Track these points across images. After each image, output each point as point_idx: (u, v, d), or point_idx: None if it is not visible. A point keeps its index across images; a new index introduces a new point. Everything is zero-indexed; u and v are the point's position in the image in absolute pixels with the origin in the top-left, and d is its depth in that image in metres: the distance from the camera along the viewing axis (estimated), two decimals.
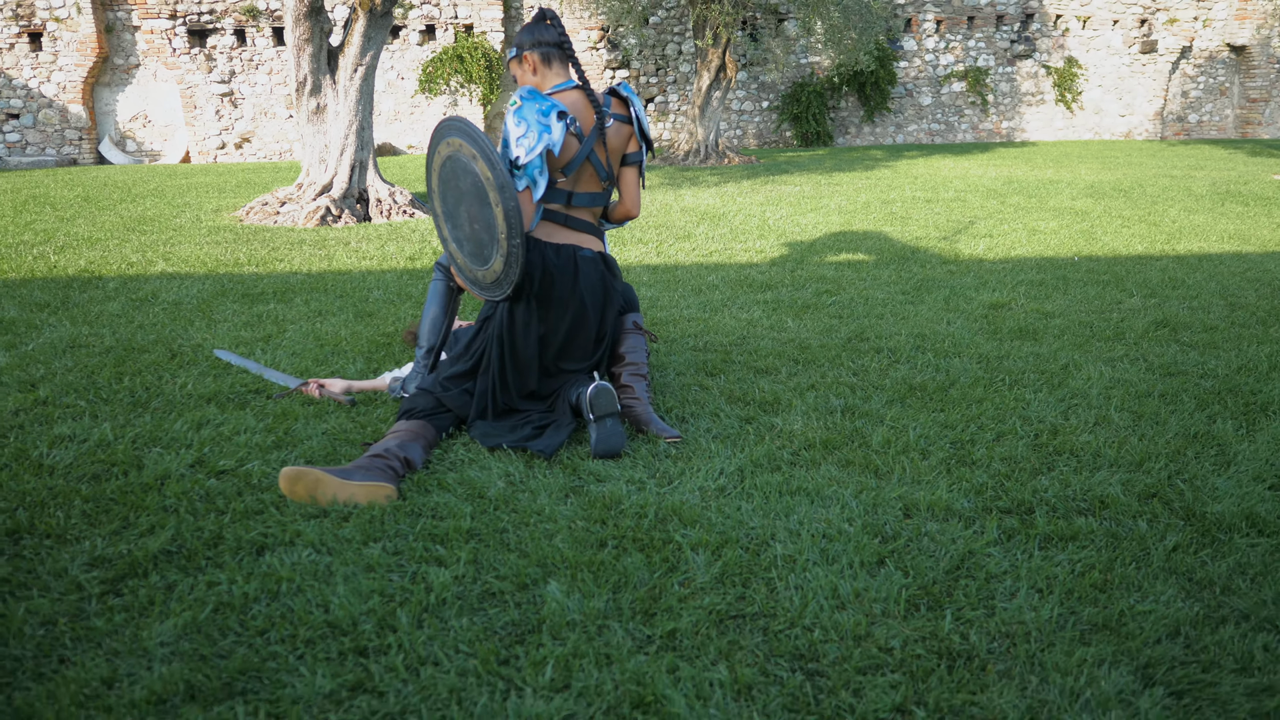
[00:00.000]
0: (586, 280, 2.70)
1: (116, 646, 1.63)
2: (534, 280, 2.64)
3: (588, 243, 2.77)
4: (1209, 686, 1.52)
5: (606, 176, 2.76)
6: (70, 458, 2.50)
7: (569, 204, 2.73)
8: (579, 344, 2.74)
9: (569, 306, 2.68)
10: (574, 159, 2.66)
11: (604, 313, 2.78)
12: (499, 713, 1.46)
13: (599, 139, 2.69)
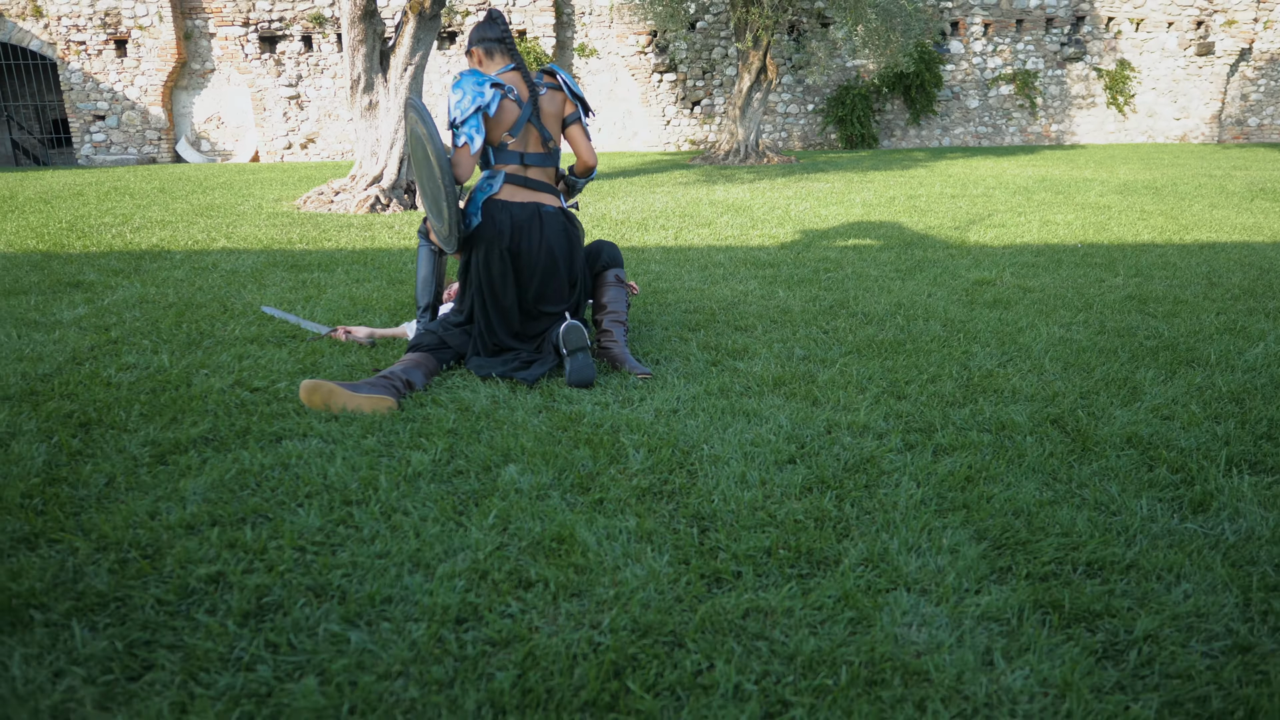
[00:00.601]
0: (551, 231, 3.10)
1: (160, 494, 2.07)
2: (505, 235, 3.04)
3: (548, 200, 3.17)
4: (1028, 543, 1.84)
5: (549, 137, 3.16)
6: (133, 378, 2.98)
7: (524, 164, 3.13)
8: (554, 288, 3.13)
9: (539, 255, 3.08)
10: (518, 122, 3.07)
11: (572, 259, 3.17)
12: (447, 541, 1.85)
13: (535, 107, 3.11)
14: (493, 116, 3.02)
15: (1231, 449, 2.32)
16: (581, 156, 3.28)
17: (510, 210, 3.07)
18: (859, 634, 1.52)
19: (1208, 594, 1.63)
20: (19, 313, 4.01)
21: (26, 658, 1.44)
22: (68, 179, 11.50)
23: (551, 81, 3.21)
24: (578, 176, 3.39)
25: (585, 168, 3.33)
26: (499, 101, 3.02)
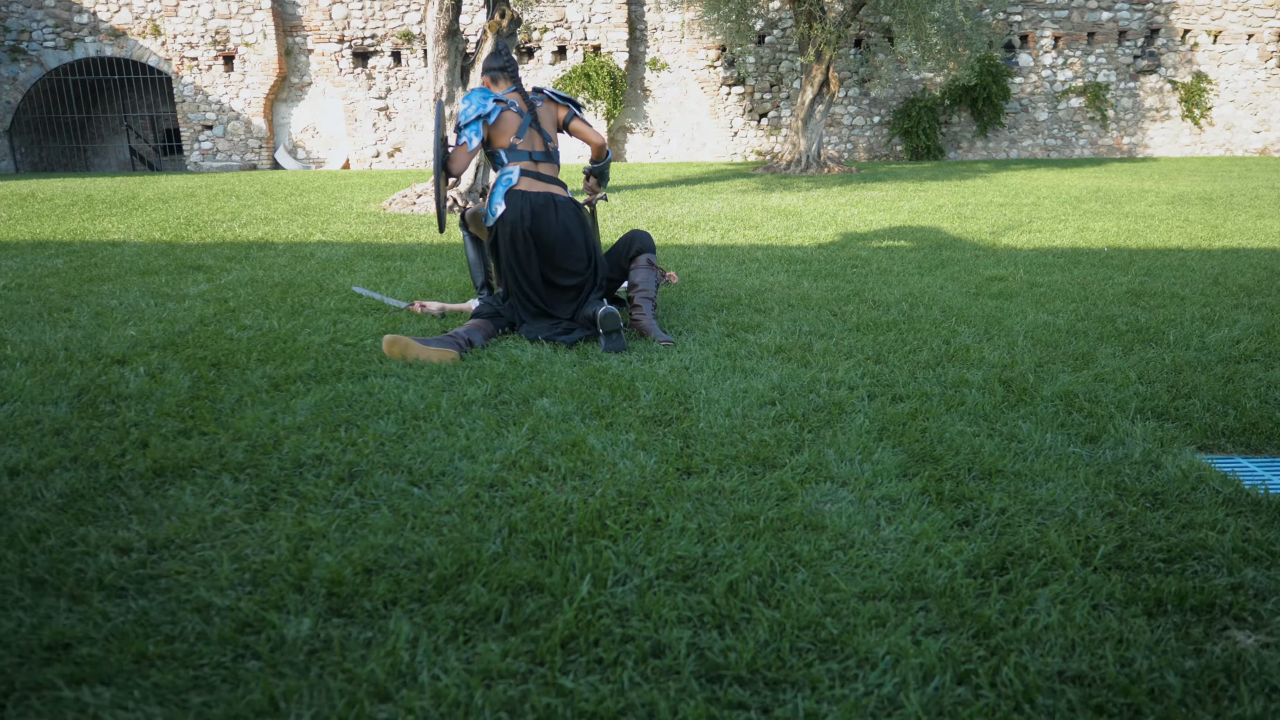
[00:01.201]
0: (564, 214, 3.68)
1: (276, 408, 2.71)
2: (526, 218, 3.63)
3: (559, 191, 3.77)
4: (938, 458, 2.32)
5: (549, 139, 3.81)
6: (249, 335, 3.67)
7: (534, 161, 3.74)
8: (571, 262, 3.70)
9: (557, 235, 3.66)
10: (520, 127, 3.73)
11: (585, 238, 3.74)
12: (488, 442, 2.43)
13: (534, 115, 3.77)
14: (493, 124, 3.71)
15: (1145, 404, 2.75)
16: (590, 139, 3.92)
17: (529, 198, 3.67)
18: (783, 504, 2.04)
19: (1065, 491, 2.10)
20: (154, 287, 4.78)
21: (194, 493, 2.07)
22: (180, 183, 12.64)
23: (542, 97, 3.88)
24: (596, 162, 4.01)
25: (597, 147, 3.97)
26: (499, 113, 3.71)
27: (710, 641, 1.46)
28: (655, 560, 1.74)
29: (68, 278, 5.15)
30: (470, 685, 1.34)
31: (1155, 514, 1.97)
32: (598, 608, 1.56)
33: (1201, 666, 1.40)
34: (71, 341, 3.59)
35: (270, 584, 1.66)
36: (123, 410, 2.70)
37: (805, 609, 1.55)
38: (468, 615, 1.55)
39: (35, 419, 2.63)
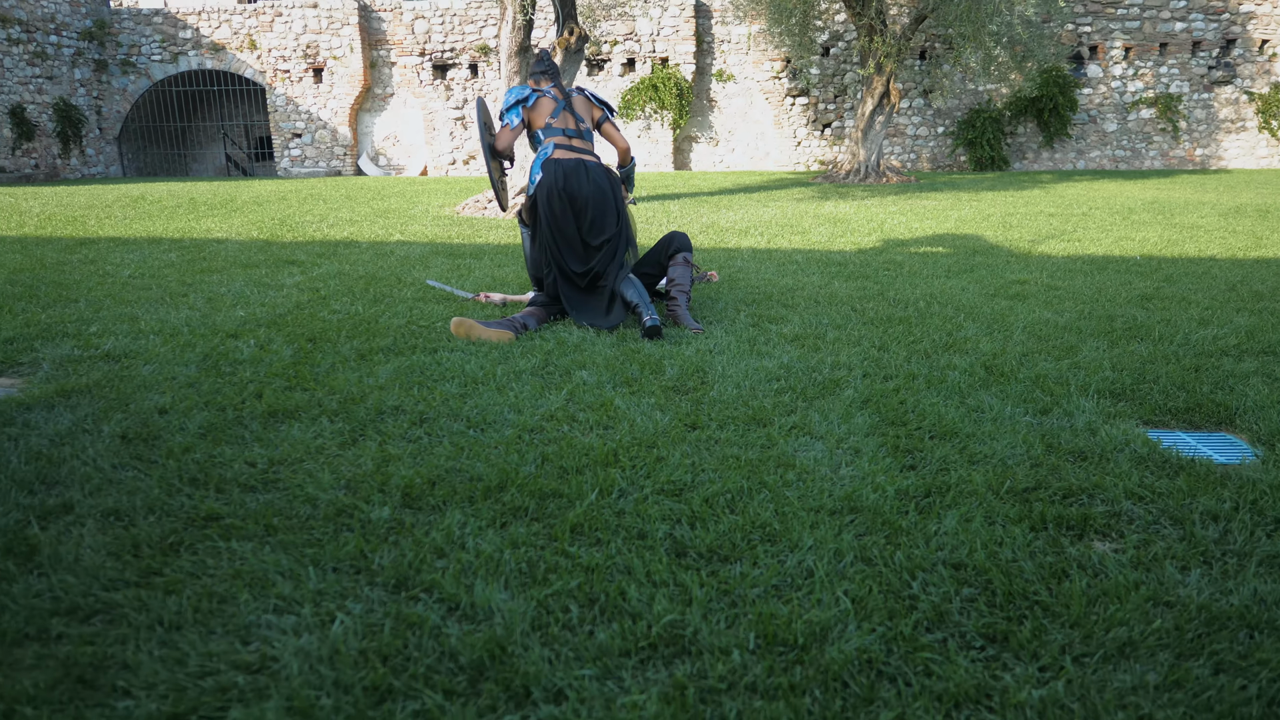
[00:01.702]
0: (594, 175, 4.17)
1: (362, 372, 3.28)
2: (560, 180, 4.12)
3: (589, 157, 4.28)
4: (906, 421, 2.75)
5: (581, 120, 4.35)
6: (339, 317, 4.28)
7: (567, 136, 4.28)
8: (602, 218, 4.18)
9: (588, 193, 4.15)
10: (555, 110, 4.30)
11: (615, 196, 4.23)
12: (533, 401, 2.95)
13: (568, 102, 4.34)
14: (530, 107, 4.30)
15: (1107, 386, 3.13)
16: (617, 143, 4.47)
17: (562, 165, 4.18)
18: (765, 450, 2.51)
19: (1004, 448, 2.51)
20: (256, 278, 5.46)
21: (300, 429, 2.64)
22: (272, 187, 13.60)
23: (580, 93, 4.47)
24: (621, 167, 4.53)
25: (622, 151, 4.53)
26: (536, 99, 4.32)
27: (682, 532, 1.94)
28: (652, 483, 2.23)
29: (181, 269, 5.87)
30: (501, 549, 1.85)
31: (1073, 466, 2.38)
32: (602, 509, 2.06)
33: (1055, 560, 1.82)
34: (191, 320, 4.25)
35: (359, 488, 2.20)
36: (239, 371, 3.31)
37: (760, 515, 2.02)
38: (504, 511, 2.06)
39: (171, 375, 3.25)
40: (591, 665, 1.45)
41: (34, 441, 2.54)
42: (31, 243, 7.32)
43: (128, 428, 2.65)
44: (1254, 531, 1.95)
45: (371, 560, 1.82)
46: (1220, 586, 1.71)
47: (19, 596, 1.67)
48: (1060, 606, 1.63)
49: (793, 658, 1.47)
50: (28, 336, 3.95)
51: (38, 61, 16.07)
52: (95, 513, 2.04)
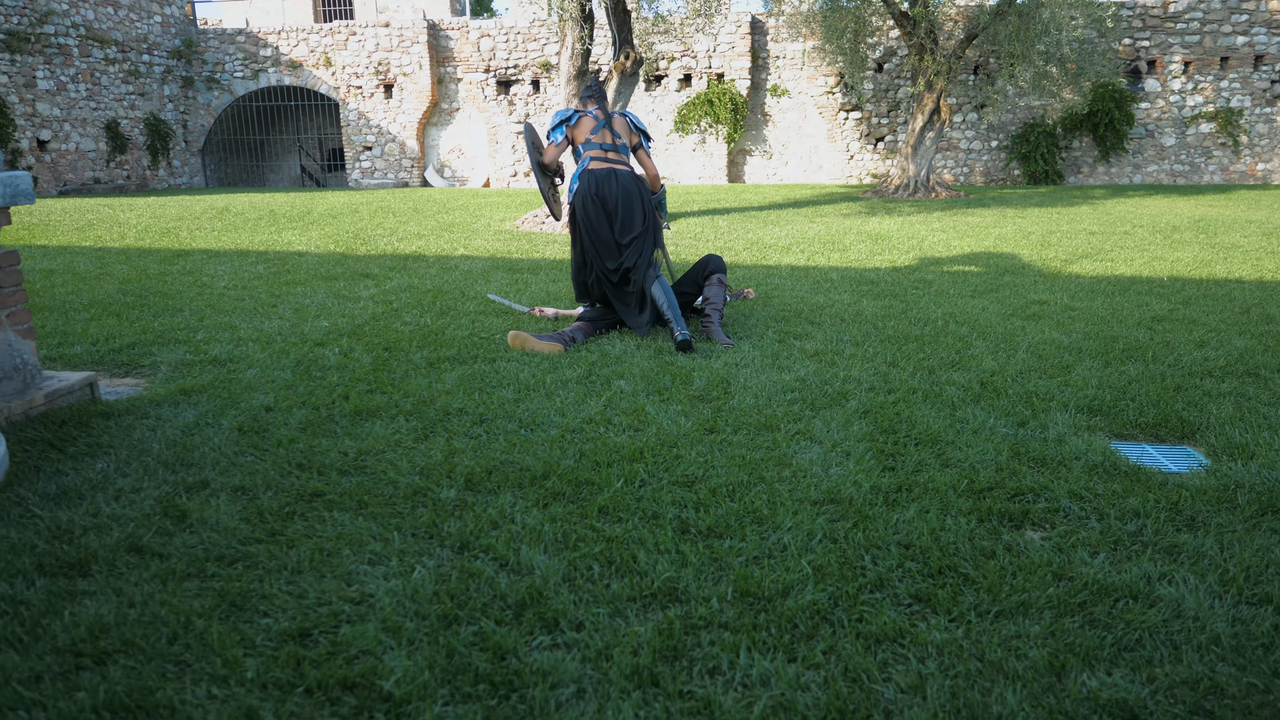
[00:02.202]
0: (622, 181, 4.66)
1: (430, 379, 3.81)
2: (593, 187, 4.62)
3: (620, 167, 4.75)
4: (896, 429, 3.17)
5: (618, 137, 4.81)
6: (410, 329, 4.83)
7: (603, 150, 4.75)
8: (631, 218, 4.65)
9: (617, 196, 4.63)
10: (595, 128, 4.78)
11: (641, 199, 4.70)
12: (575, 406, 3.44)
13: (608, 121, 4.81)
14: (573, 125, 4.81)
15: (1087, 402, 3.49)
16: (648, 170, 4.93)
17: (595, 174, 4.68)
18: (769, 451, 2.95)
19: (976, 454, 2.92)
20: (335, 290, 6.07)
21: (380, 426, 3.17)
22: (345, 199, 14.41)
23: (622, 116, 4.95)
24: (652, 194, 4.99)
25: (652, 178, 4.97)
26: (579, 118, 4.82)
27: (688, 515, 2.41)
28: (669, 475, 2.70)
29: (269, 281, 6.52)
30: (542, 523, 2.33)
31: (1031, 470, 2.78)
32: (625, 495, 2.53)
33: (990, 544, 2.24)
34: (283, 329, 4.84)
35: (430, 474, 2.71)
36: (328, 375, 3.87)
37: (754, 503, 2.47)
38: (546, 494, 2.55)
39: (271, 379, 3.83)
40: (605, 606, 1.92)
41: (168, 432, 3.11)
42: (134, 254, 8.09)
43: (242, 422, 3.21)
44: (1164, 527, 2.34)
45: (441, 528, 2.32)
46: (1117, 567, 2.11)
47: (179, 547, 2.21)
48: (980, 577, 2.06)
49: (759, 607, 1.92)
50: (145, 343, 4.58)
51: (131, 79, 17.20)
52: (226, 488, 2.59)
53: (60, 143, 15.59)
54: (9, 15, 14.45)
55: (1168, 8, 16.52)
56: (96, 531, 2.29)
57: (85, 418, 3.25)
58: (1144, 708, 1.59)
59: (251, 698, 1.61)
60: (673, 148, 17.79)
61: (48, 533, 2.28)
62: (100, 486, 2.60)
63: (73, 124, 15.83)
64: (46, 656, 1.75)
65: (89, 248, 8.58)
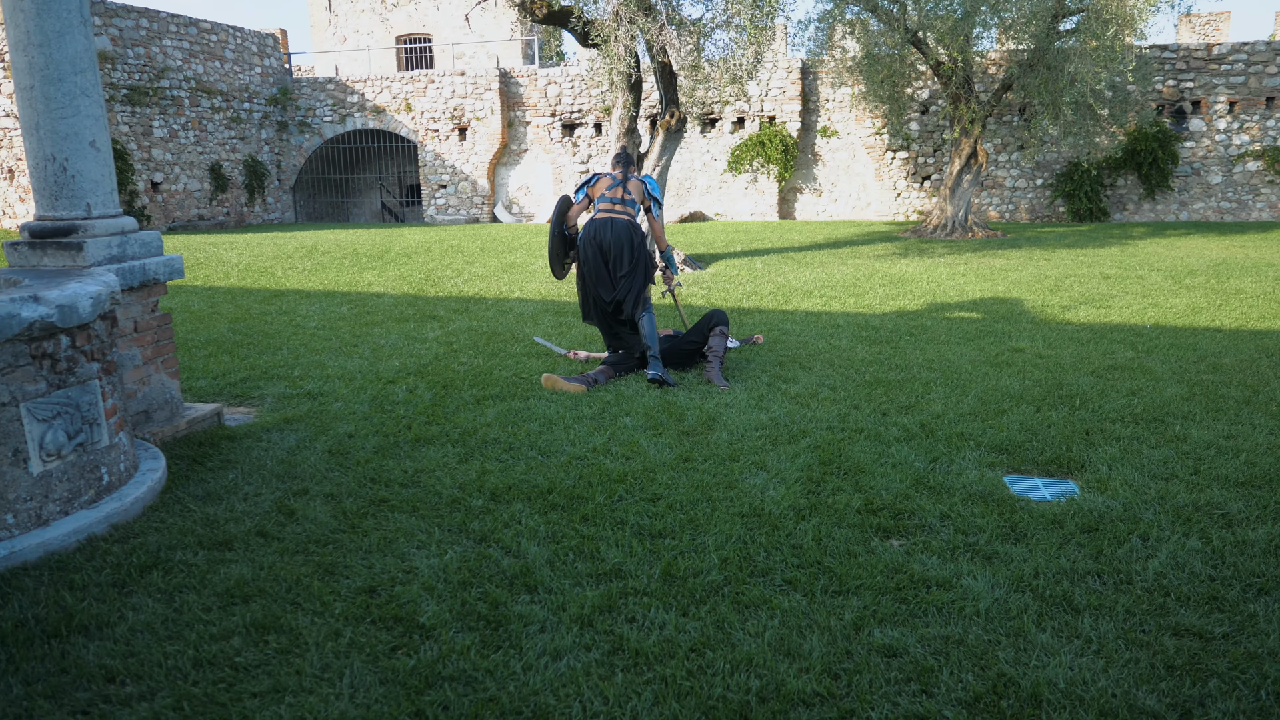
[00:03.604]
0: (616, 228, 5.54)
1: (476, 415, 4.80)
2: (592, 235, 5.53)
3: (619, 217, 5.61)
4: (832, 461, 4.01)
5: (628, 194, 5.69)
6: (465, 369, 5.85)
7: (610, 204, 5.64)
8: (622, 259, 5.53)
9: (610, 241, 5.52)
10: (610, 186, 5.68)
11: (633, 244, 5.57)
12: (586, 437, 4.37)
13: (623, 183, 5.69)
14: (592, 185, 5.74)
15: (999, 442, 4.28)
16: (655, 231, 5.85)
17: (595, 222, 5.61)
18: (724, 477, 3.83)
19: (884, 482, 3.74)
20: (406, 331, 7.15)
21: (433, 451, 4.16)
22: (419, 236, 15.72)
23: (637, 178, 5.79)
24: (660, 253, 5.89)
25: (657, 238, 5.93)
26: (597, 179, 5.76)
27: (645, 522, 3.31)
28: (641, 493, 3.61)
29: (352, 322, 7.66)
30: (540, 525, 3.27)
31: (922, 496, 3.60)
32: (603, 507, 3.45)
33: (858, 548, 3.09)
34: (362, 367, 5.91)
35: (466, 488, 3.68)
36: (396, 409, 4.89)
37: (695, 515, 3.37)
38: (546, 505, 3.49)
39: (352, 411, 4.87)
40: (570, 579, 2.85)
41: (276, 452, 4.16)
42: (238, 293, 9.37)
43: (331, 445, 4.24)
44: (994, 539, 3.16)
45: (468, 526, 3.28)
46: (941, 566, 2.95)
47: (290, 534, 3.21)
48: (838, 569, 2.92)
49: (674, 583, 2.82)
50: (254, 378, 5.70)
51: (233, 125, 18.95)
52: (320, 495, 3.60)
53: (170, 184, 17.33)
54: (131, 73, 16.24)
55: (1211, 50, 16.82)
56: (234, 522, 3.32)
57: (215, 439, 4.33)
58: (904, 649, 2.44)
59: (337, 624, 2.59)
60: (726, 186, 18.73)
61: (202, 522, 3.32)
62: (232, 491, 3.64)
63: (182, 167, 17.57)
64: (210, 597, 2.75)
65: (200, 286, 9.92)
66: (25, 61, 3.88)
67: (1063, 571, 2.90)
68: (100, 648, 2.46)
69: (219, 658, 2.42)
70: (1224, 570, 2.92)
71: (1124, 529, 3.24)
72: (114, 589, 2.80)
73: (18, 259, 4.08)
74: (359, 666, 2.37)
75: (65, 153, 3.98)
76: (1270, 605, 2.69)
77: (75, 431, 3.29)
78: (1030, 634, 2.52)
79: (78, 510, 3.29)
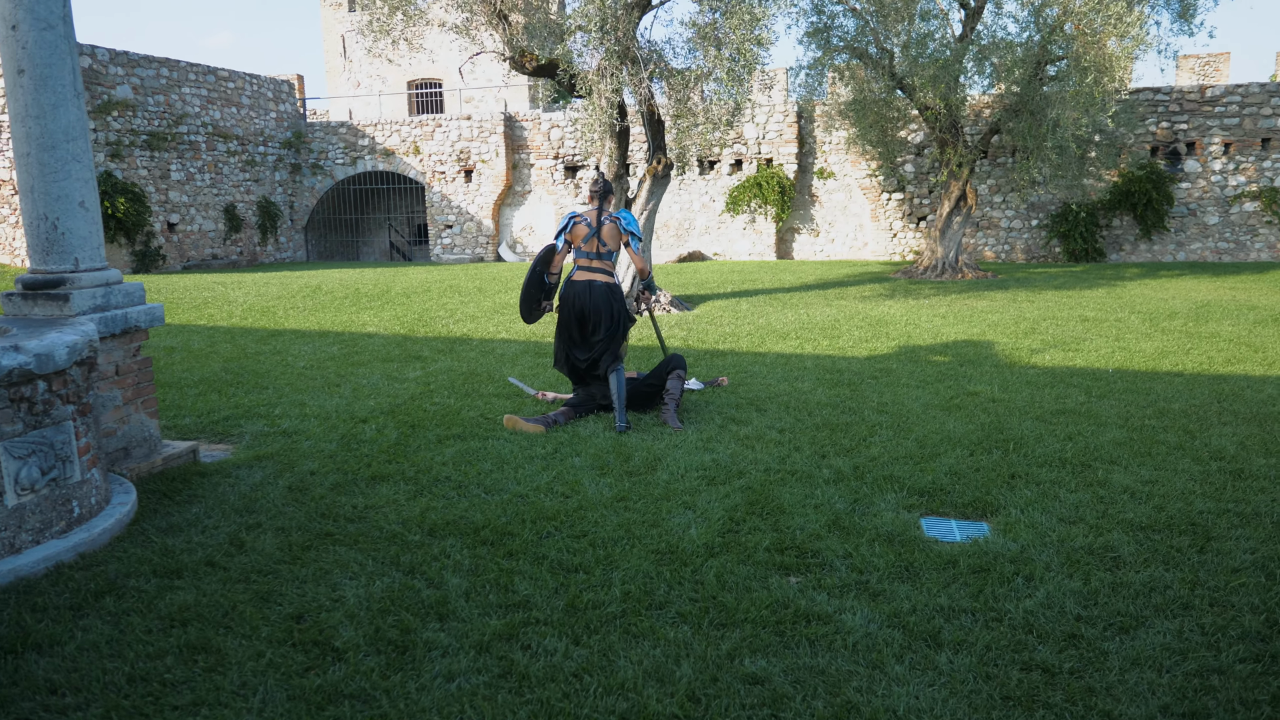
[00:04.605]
0: (596, 294, 5.82)
1: (435, 453, 5.08)
2: (572, 298, 5.82)
3: (599, 278, 5.90)
4: (759, 502, 4.25)
5: (604, 244, 5.93)
6: (434, 409, 6.15)
7: (588, 259, 5.92)
8: (600, 326, 5.81)
9: (588, 309, 5.81)
10: (586, 236, 5.91)
11: (612, 310, 5.84)
12: (535, 475, 4.64)
13: (598, 229, 5.92)
14: (569, 231, 5.94)
15: (924, 485, 4.50)
16: (635, 264, 6.13)
17: (576, 285, 5.89)
18: (650, 516, 4.08)
19: (803, 522, 3.98)
20: (389, 371, 7.48)
21: (387, 488, 4.44)
22: (422, 275, 16.15)
23: (611, 219, 6.00)
24: (643, 279, 6.17)
25: (640, 270, 6.17)
26: (573, 225, 5.96)
27: (564, 557, 3.57)
28: (568, 530, 3.87)
29: (340, 361, 8.00)
30: (468, 559, 3.54)
31: (832, 536, 3.84)
32: (529, 543, 3.71)
33: (753, 583, 3.33)
34: (339, 407, 6.23)
35: (407, 524, 3.95)
36: (362, 448, 5.19)
37: (612, 551, 3.62)
38: (477, 540, 3.75)
39: (320, 449, 5.17)
40: (480, 610, 3.11)
41: (241, 488, 4.46)
42: (238, 333, 9.76)
43: (292, 482, 4.54)
44: (886, 577, 3.39)
45: (400, 559, 3.55)
46: (829, 601, 3.18)
47: (236, 564, 3.50)
48: (731, 603, 3.16)
49: (574, 614, 3.08)
50: (236, 416, 6.02)
51: (248, 168, 19.58)
52: (271, 528, 3.89)
53: (186, 224, 17.91)
54: (151, 119, 16.90)
55: (1205, 93, 17.09)
56: (188, 552, 3.61)
57: (188, 475, 4.64)
58: (768, 677, 2.69)
59: (261, 645, 2.86)
60: (725, 226, 19.10)
61: (160, 551, 3.62)
62: (193, 524, 3.94)
63: (197, 208, 18.16)
64: (154, 620, 3.04)
65: (203, 326, 10.33)
66: (23, 131, 4.27)
67: (938, 609, 3.13)
68: (48, 664, 2.75)
69: (151, 674, 2.69)
70: (1093, 610, 3.14)
71: (1011, 570, 3.46)
72: (70, 611, 3.09)
73: (12, 309, 4.44)
74: (272, 684, 2.64)
75: (56, 212, 4.35)
76: (1125, 643, 2.90)
77: (49, 468, 3.61)
78: (887, 666, 2.75)
79: (49, 540, 3.59)
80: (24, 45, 4.13)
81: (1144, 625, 3.01)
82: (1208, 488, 4.43)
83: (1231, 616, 3.06)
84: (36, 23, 4.12)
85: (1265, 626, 2.99)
